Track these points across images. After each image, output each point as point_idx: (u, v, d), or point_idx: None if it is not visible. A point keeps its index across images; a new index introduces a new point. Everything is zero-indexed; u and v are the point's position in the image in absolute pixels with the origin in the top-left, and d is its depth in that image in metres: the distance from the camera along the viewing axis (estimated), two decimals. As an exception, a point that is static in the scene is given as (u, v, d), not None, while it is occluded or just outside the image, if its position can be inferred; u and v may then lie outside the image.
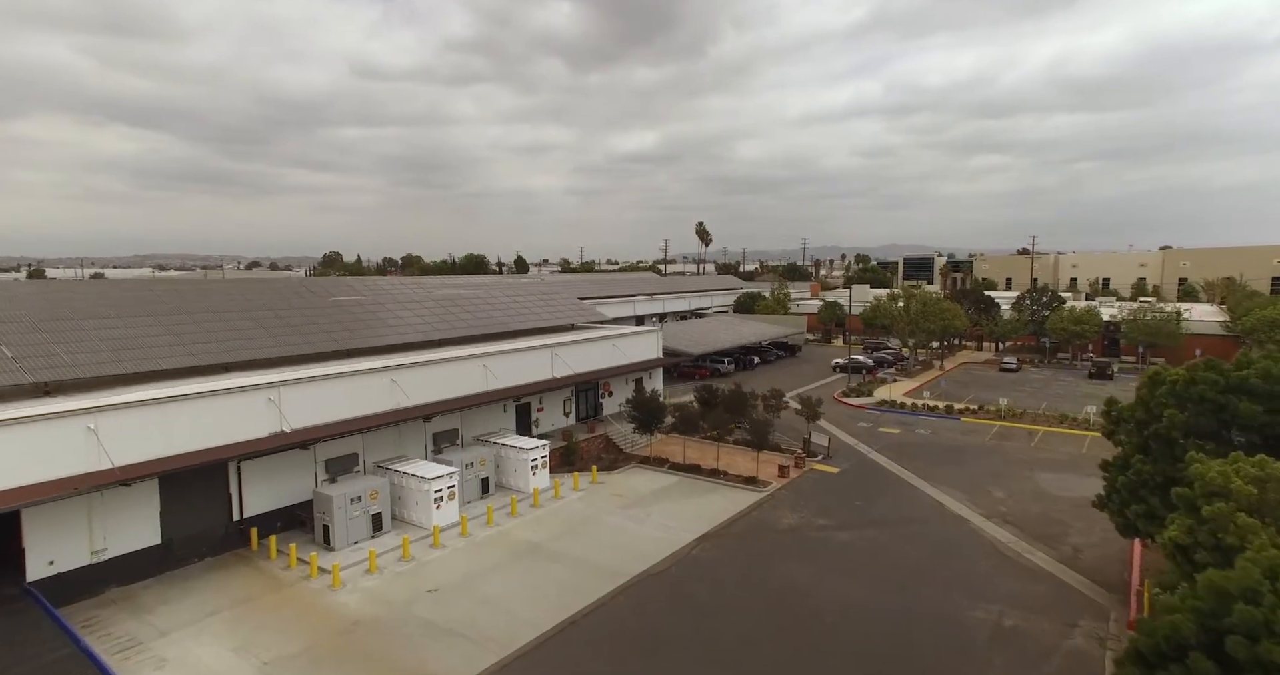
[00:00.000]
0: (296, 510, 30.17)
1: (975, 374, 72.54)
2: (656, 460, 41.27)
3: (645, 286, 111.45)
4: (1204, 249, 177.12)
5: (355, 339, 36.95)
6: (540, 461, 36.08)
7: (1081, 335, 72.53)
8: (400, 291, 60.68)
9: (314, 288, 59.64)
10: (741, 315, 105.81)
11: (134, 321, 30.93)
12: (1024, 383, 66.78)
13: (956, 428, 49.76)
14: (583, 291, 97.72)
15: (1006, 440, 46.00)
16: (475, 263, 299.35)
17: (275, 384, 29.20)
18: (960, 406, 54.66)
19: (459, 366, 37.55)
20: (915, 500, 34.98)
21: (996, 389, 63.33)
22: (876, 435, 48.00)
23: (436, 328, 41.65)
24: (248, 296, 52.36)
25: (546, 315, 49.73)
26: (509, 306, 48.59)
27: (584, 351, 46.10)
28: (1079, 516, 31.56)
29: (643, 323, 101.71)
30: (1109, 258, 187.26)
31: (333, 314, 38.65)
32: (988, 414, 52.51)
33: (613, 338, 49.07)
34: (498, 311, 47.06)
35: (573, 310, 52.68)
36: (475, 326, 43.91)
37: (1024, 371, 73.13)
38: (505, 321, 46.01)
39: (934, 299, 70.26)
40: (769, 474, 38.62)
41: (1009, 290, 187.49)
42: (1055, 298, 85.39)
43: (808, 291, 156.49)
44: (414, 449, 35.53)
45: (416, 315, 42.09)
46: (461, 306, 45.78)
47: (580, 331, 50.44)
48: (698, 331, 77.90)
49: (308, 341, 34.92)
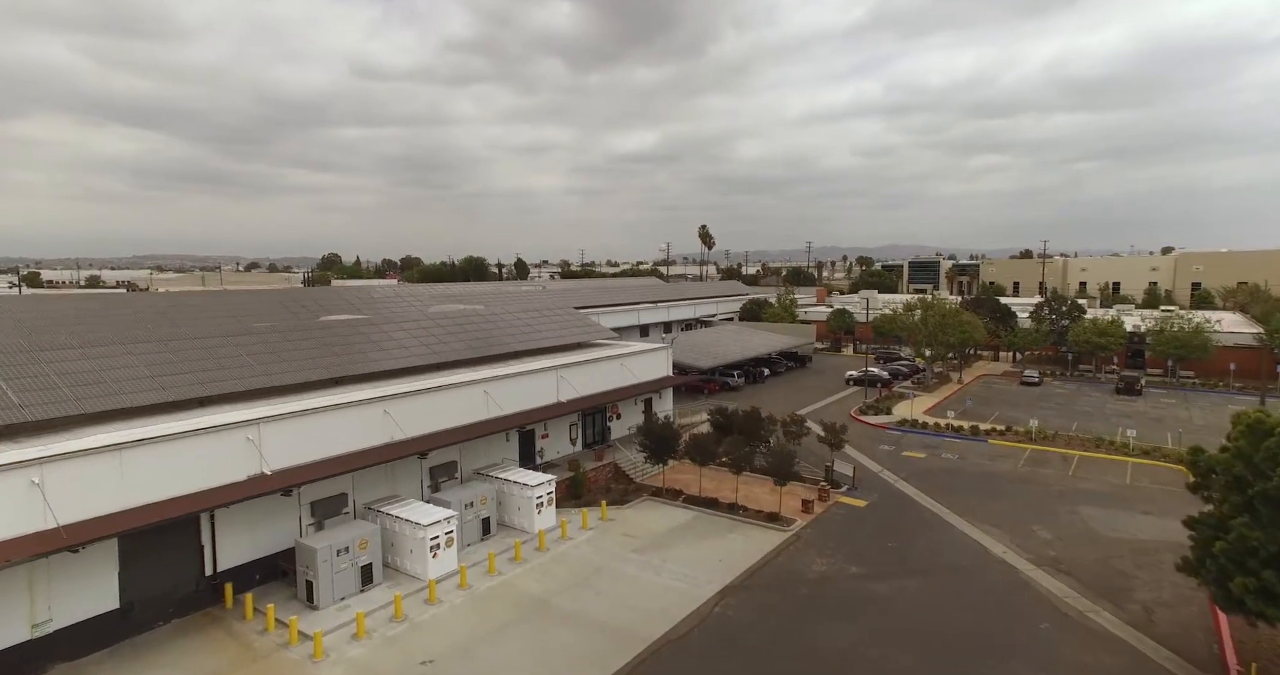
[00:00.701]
0: (279, 560, 27.31)
1: (995, 388, 69.68)
2: (670, 492, 38.41)
3: (649, 294, 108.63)
4: (1218, 252, 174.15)
5: (346, 365, 34.10)
6: (546, 498, 33.23)
7: (1106, 348, 69.67)
8: (396, 307, 57.88)
9: (304, 301, 56.86)
10: (749, 324, 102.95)
11: (98, 351, 28.04)
12: (1048, 398, 63.91)
13: (985, 452, 46.89)
14: (586, 300, 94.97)
15: (1040, 467, 43.11)
16: (475, 265, 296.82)
17: (255, 421, 26.38)
18: (986, 427, 51.78)
19: (458, 394, 34.75)
20: (954, 541, 32.11)
21: (1020, 406, 60.50)
22: (901, 460, 45.14)
23: (434, 350, 38.80)
24: (233, 313, 49.59)
25: (550, 333, 46.87)
26: (510, 324, 45.74)
27: (591, 373, 43.31)
28: (1142, 566, 28.70)
29: (647, 332, 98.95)
30: (1119, 261, 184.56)
31: (321, 337, 35.78)
32: (1016, 436, 49.65)
33: (621, 357, 46.25)
34: (499, 330, 44.22)
35: (577, 327, 49.84)
36: (475, 347, 41.07)
37: (1046, 385, 70.28)
38: (507, 341, 43.17)
39: (952, 310, 67.43)
40: (792, 509, 35.78)
41: (1016, 294, 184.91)
42: (1075, 307, 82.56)
43: (814, 297, 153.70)
44: (409, 486, 32.69)
45: (413, 336, 39.24)
46: (461, 325, 42.94)
47: (586, 350, 47.60)
48: (706, 343, 75.08)
49: (294, 369, 32.05)
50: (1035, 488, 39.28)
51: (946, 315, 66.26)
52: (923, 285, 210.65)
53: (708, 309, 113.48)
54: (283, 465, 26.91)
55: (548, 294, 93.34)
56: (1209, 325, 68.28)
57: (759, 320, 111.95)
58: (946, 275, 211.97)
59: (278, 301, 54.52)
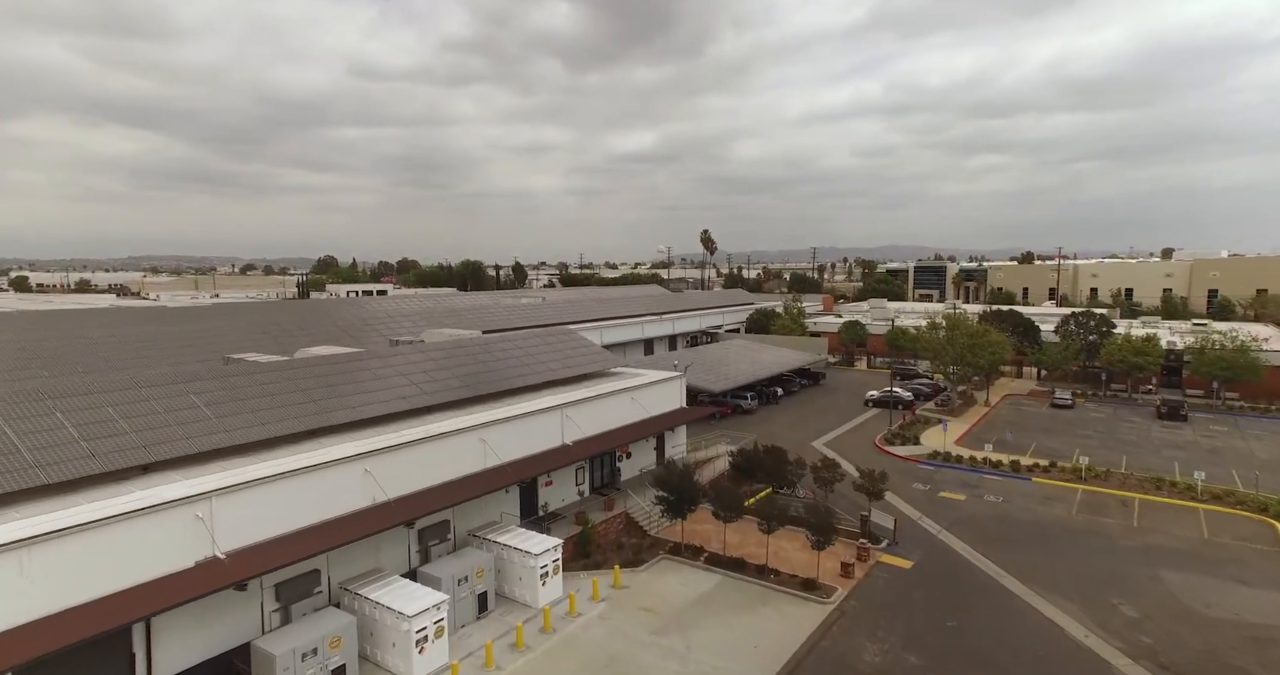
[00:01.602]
0: (234, 659, 22.98)
1: (1025, 411, 65.51)
2: (689, 549, 34.12)
3: (652, 305, 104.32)
4: (1234, 258, 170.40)
5: (322, 413, 29.73)
6: (552, 567, 28.94)
7: (1143, 368, 65.51)
8: (386, 329, 53.49)
9: (286, 325, 52.52)
10: (757, 337, 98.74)
11: (22, 409, 23.64)
12: (1084, 424, 59.74)
13: (1030, 493, 42.67)
14: (587, 312, 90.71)
15: (1099, 514, 38.87)
16: (471, 269, 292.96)
17: (207, 494, 22.08)
18: (1028, 462, 47.53)
19: (452, 444, 30.46)
20: (1021, 618, 27.86)
21: (1056, 433, 56.31)
22: (940, 504, 40.93)
23: (425, 389, 34.46)
24: (206, 341, 45.18)
25: (553, 363, 42.56)
26: (509, 354, 41.41)
27: (599, 409, 39.05)
28: (1264, 662, 24.38)
29: (652, 346, 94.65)
30: (1131, 266, 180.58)
31: (296, 378, 31.43)
32: (1063, 473, 45.43)
33: (631, 390, 41.97)
34: (497, 361, 39.89)
35: (582, 355, 45.52)
36: (471, 383, 36.75)
37: (1079, 408, 66.08)
38: (506, 375, 38.84)
39: (980, 330, 63.19)
40: (829, 571, 31.54)
41: (1025, 299, 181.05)
42: (1103, 321, 78.41)
43: (820, 304, 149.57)
44: (394, 554, 28.41)
45: (401, 373, 34.91)
46: (455, 357, 38.60)
47: (593, 382, 43.31)
48: (715, 362, 70.83)
49: (261, 421, 27.70)
50: (1099, 542, 35.03)
51: (975, 335, 62.03)
52: (928, 290, 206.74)
53: (713, 320, 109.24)
54: (240, 544, 22.62)
55: (547, 306, 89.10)
56: (1254, 344, 64.11)
57: (767, 332, 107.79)
58: (953, 280, 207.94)
59: (257, 326, 50.24)
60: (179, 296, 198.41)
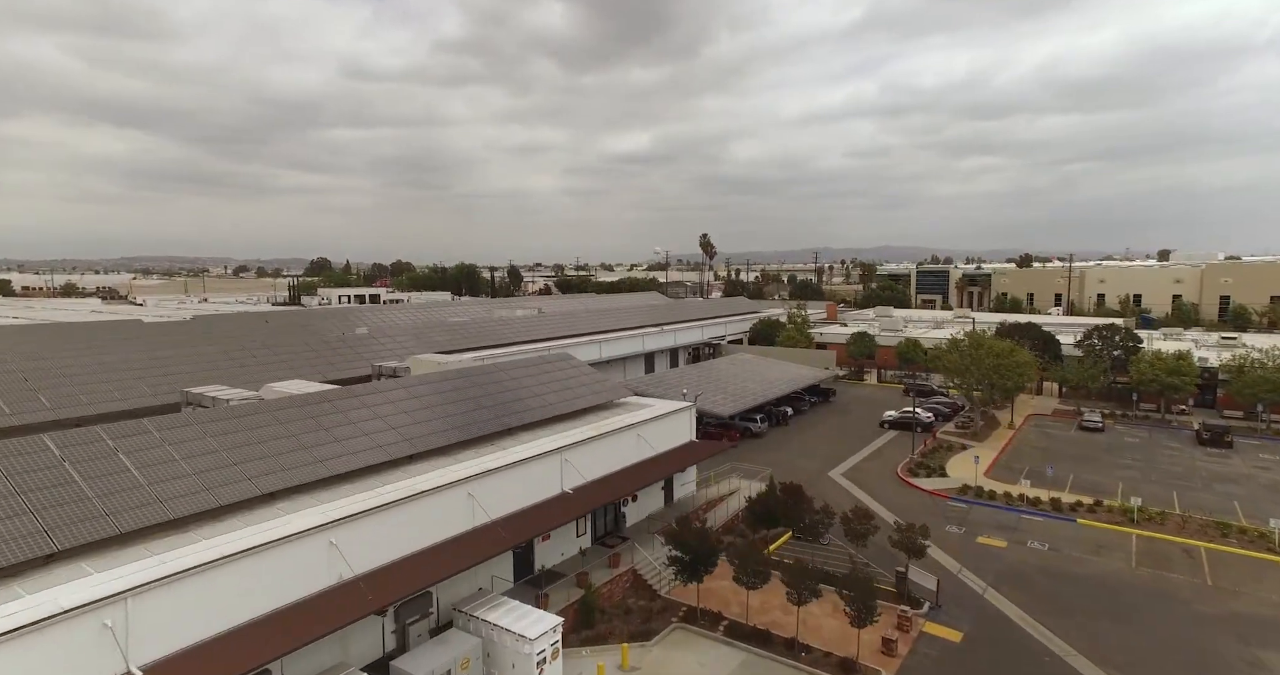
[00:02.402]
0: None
1: (1052, 434, 61.46)
2: (706, 615, 29.90)
3: (653, 315, 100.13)
4: (1247, 263, 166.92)
5: (285, 471, 25.41)
6: (550, 651, 24.69)
7: (1179, 389, 61.51)
8: (368, 352, 49.08)
9: (255, 351, 47.99)
10: (763, 350, 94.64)
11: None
12: (1120, 451, 55.68)
13: (1078, 538, 38.56)
14: (585, 324, 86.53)
15: (1163, 567, 34.72)
16: (466, 272, 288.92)
17: (117, 596, 17.83)
18: (1069, 499, 43.42)
19: (436, 502, 26.35)
20: (1102, 714, 23.71)
21: (1092, 462, 52.24)
22: (980, 553, 36.81)
23: (407, 435, 30.17)
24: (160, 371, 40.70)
25: (551, 396, 38.30)
26: (503, 386, 37.13)
27: (602, 451, 34.90)
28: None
29: (652, 360, 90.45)
30: (1140, 272, 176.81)
31: (258, 426, 27.10)
32: (1110, 514, 41.34)
33: (637, 426, 37.78)
34: (489, 397, 35.61)
35: (583, 384, 41.28)
36: (460, 423, 32.47)
37: (1111, 431, 62.02)
38: (499, 413, 34.54)
39: (1007, 348, 59.06)
40: (869, 647, 27.38)
41: (1031, 305, 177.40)
42: (1130, 336, 74.49)
43: (823, 311, 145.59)
44: (363, 643, 24.18)
45: (381, 417, 30.60)
46: (443, 393, 34.31)
47: (595, 415, 39.10)
48: (722, 381, 66.66)
49: (208, 486, 23.35)
50: (1172, 608, 30.86)
51: (1002, 355, 57.90)
52: (931, 295, 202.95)
53: (716, 331, 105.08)
54: (164, 653, 18.40)
55: (543, 319, 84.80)
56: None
57: (771, 342, 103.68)
58: (956, 285, 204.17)
59: (226, 353, 45.78)
60: (166, 301, 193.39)
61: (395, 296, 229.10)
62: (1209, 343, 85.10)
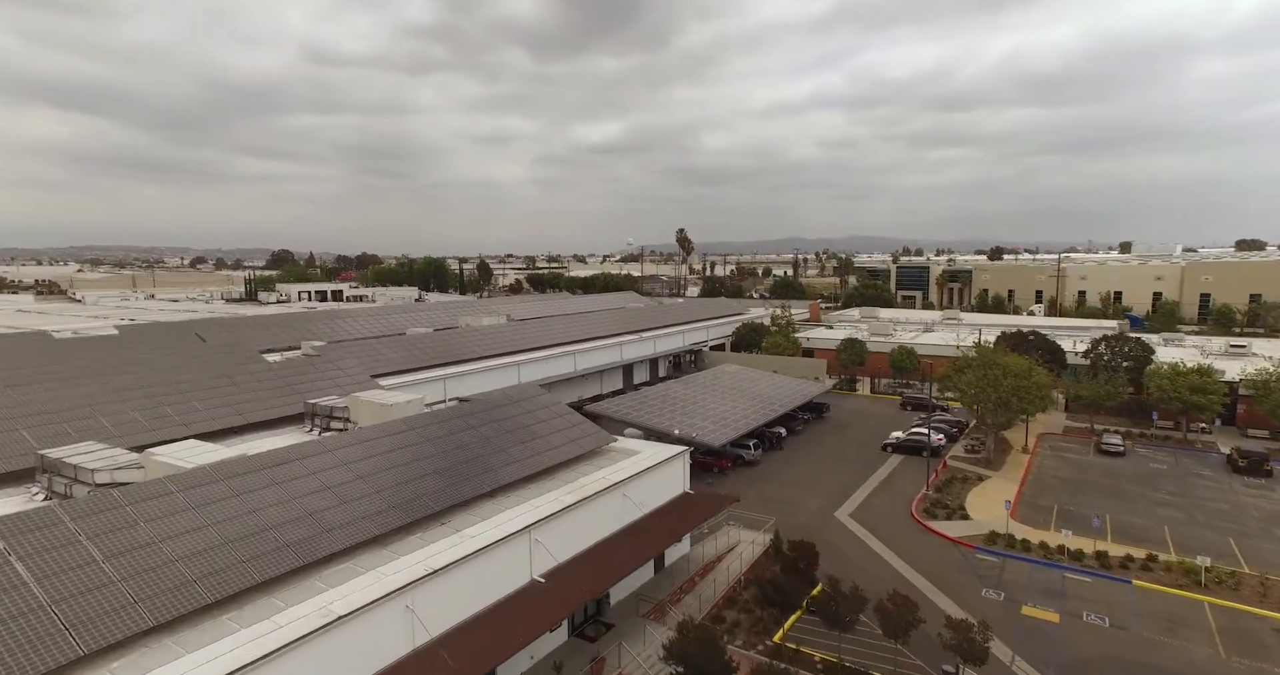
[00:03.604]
0: None
1: (1069, 459, 56.29)
2: (716, 744, 23.70)
3: (630, 320, 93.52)
4: (1227, 262, 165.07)
5: (128, 611, 18.48)
6: None
7: (1204, 408, 56.71)
8: (305, 383, 41.65)
9: (173, 397, 40.40)
10: (748, 359, 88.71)
11: None
12: (1148, 481, 50.59)
13: (1143, 609, 33.00)
14: (559, 333, 79.78)
15: (1261, 657, 28.99)
16: (434, 267, 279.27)
17: None
18: (1116, 552, 37.98)
19: (359, 627, 19.66)
20: None
21: (1124, 498, 47.02)
22: (1028, 630, 31.09)
23: (328, 521, 23.33)
24: (21, 426, 32.95)
25: (519, 450, 31.63)
26: (463, 445, 30.35)
27: (580, 521, 28.52)
28: None
29: (631, 372, 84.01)
30: (1121, 269, 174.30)
31: (112, 530, 20.11)
32: (1169, 573, 35.87)
33: (623, 483, 31.39)
34: (446, 457, 28.86)
35: (557, 432, 34.61)
36: (401, 499, 25.73)
37: (1132, 455, 57.02)
38: (451, 480, 27.78)
39: (1024, 368, 53.55)
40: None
41: (1011, 301, 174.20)
42: (1141, 346, 69.77)
43: (806, 311, 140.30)
44: None
45: (295, 498, 23.71)
46: (387, 457, 27.47)
47: (572, 470, 32.56)
48: (708, 401, 60.43)
49: (57, 637, 16.43)
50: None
51: (1020, 376, 52.38)
52: (911, 291, 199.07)
53: (697, 336, 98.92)
54: None
55: (513, 330, 77.80)
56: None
57: (756, 348, 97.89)
58: (936, 281, 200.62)
59: (133, 384, 38.09)
60: (107, 298, 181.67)
61: (359, 292, 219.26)
62: (1215, 351, 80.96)
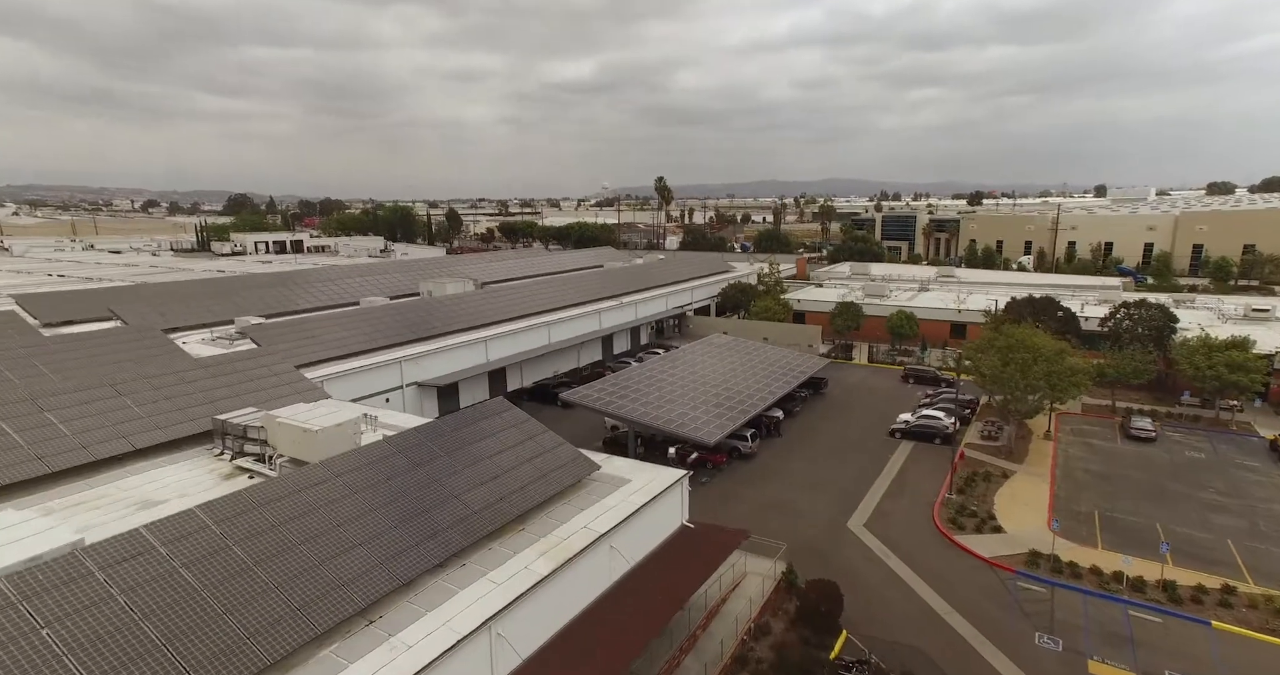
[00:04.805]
0: None
1: (1096, 446, 51.15)
2: None
3: (608, 283, 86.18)
4: (1222, 211, 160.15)
5: None
6: None
7: (1244, 388, 51.62)
8: (237, 389, 33.97)
9: (67, 376, 32.54)
10: (737, 324, 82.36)
11: None
12: (1188, 474, 45.61)
13: (1232, 662, 27.84)
14: (533, 301, 72.52)
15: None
16: (401, 215, 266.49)
17: None
18: (1186, 580, 32.75)
19: None
20: None
21: (1168, 500, 41.95)
22: (1101, 695, 25.82)
23: (194, 654, 16.62)
24: None
25: (475, 494, 24.92)
26: (399, 489, 23.56)
27: (554, 595, 22.20)
28: None
29: (611, 342, 77.18)
30: (1112, 219, 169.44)
31: None
32: (1256, 610, 30.70)
33: (611, 533, 25.03)
34: (375, 513, 22.09)
35: (527, 463, 27.80)
36: (318, 588, 19.06)
37: (1163, 439, 52.03)
38: (385, 554, 21.06)
39: (1056, 350, 47.47)
40: None
41: (1000, 253, 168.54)
42: (1164, 314, 64.37)
43: (793, 266, 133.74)
44: None
45: (175, 589, 16.92)
46: (303, 527, 20.58)
47: (546, 514, 26.03)
48: (699, 384, 54.01)
49: None
50: None
51: (1053, 360, 46.45)
52: (896, 242, 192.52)
53: (681, 298, 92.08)
54: None
55: (483, 299, 70.23)
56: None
57: (744, 310, 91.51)
58: (923, 230, 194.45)
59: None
60: (38, 247, 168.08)
61: (321, 243, 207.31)
62: (1231, 314, 76.10)
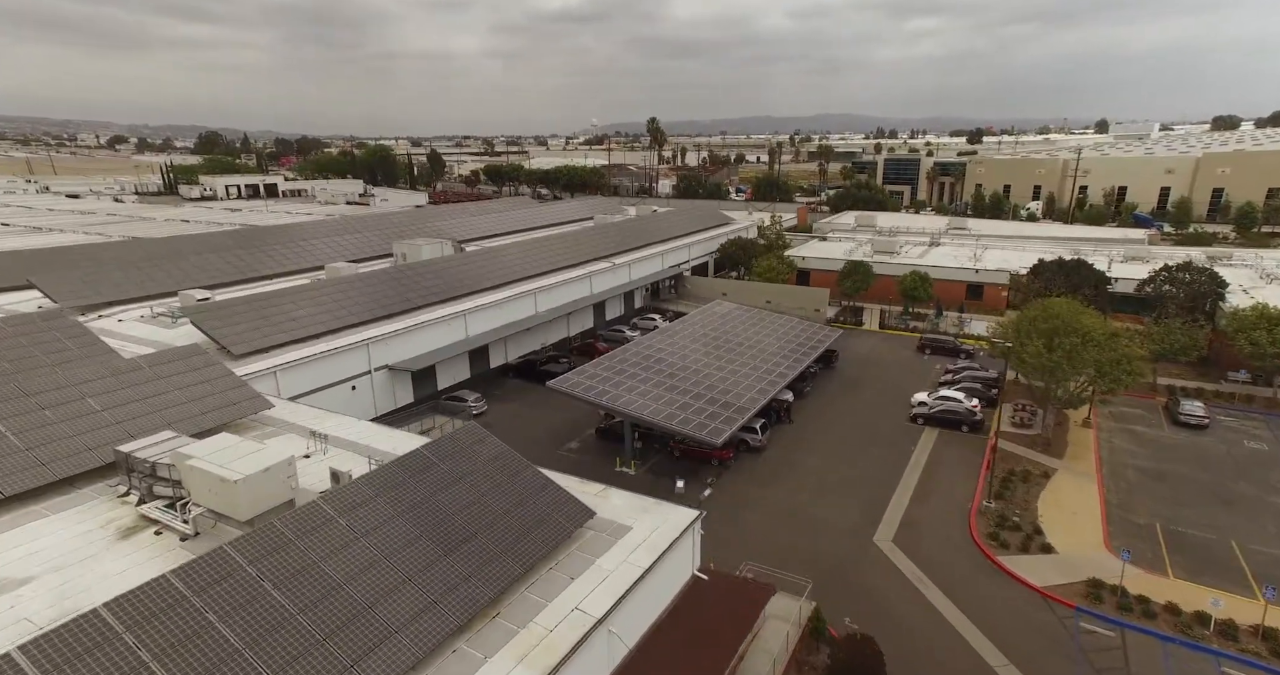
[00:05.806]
0: None
1: (1141, 434, 46.18)
2: None
3: (601, 242, 79.21)
4: (1248, 152, 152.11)
5: None
6: None
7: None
8: (168, 413, 27.90)
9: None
10: (739, 286, 76.20)
11: None
12: (1252, 469, 40.82)
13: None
14: (520, 264, 66.01)
15: None
16: (381, 157, 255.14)
17: None
18: None
19: None
20: None
21: (1235, 504, 37.26)
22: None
23: None
24: None
25: (443, 565, 19.38)
26: (340, 587, 17.98)
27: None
28: None
29: (603, 308, 71.00)
30: (1127, 161, 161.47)
31: None
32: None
33: (610, 616, 19.69)
34: (304, 624, 16.56)
35: (508, 514, 22.18)
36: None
37: (1215, 426, 47.05)
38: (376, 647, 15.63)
39: (1107, 334, 41.74)
40: None
41: (1008, 198, 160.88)
42: (1213, 279, 58.71)
43: (794, 216, 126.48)
44: None
45: None
46: (195, 647, 15.04)
47: (525, 595, 20.60)
48: (703, 363, 48.37)
49: None
50: None
51: (1104, 346, 40.79)
52: (899, 186, 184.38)
53: (678, 256, 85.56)
54: None
55: (467, 263, 63.53)
56: None
57: (744, 268, 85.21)
58: (927, 175, 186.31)
59: None
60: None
61: (296, 186, 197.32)
62: (1276, 272, 70.52)
